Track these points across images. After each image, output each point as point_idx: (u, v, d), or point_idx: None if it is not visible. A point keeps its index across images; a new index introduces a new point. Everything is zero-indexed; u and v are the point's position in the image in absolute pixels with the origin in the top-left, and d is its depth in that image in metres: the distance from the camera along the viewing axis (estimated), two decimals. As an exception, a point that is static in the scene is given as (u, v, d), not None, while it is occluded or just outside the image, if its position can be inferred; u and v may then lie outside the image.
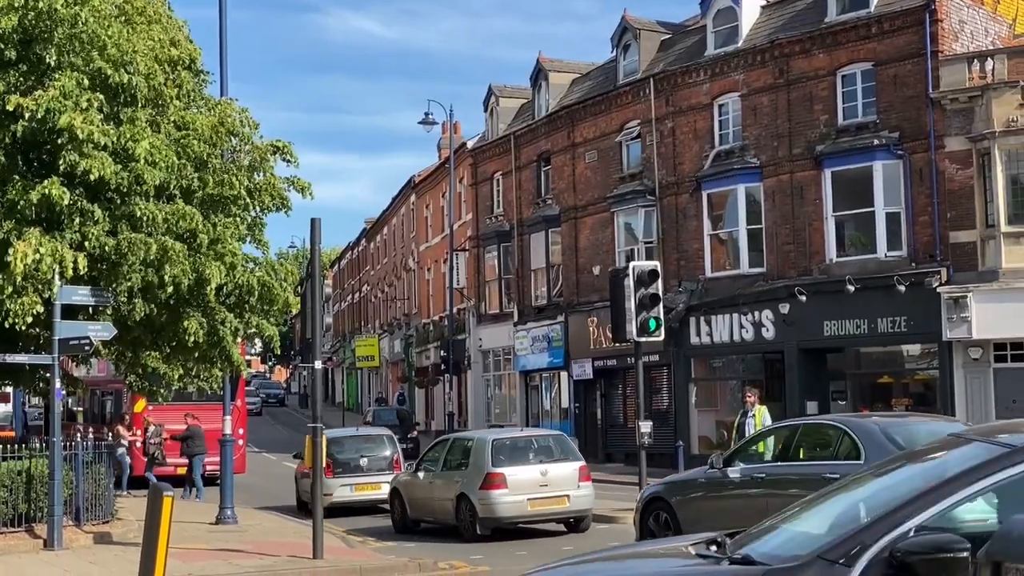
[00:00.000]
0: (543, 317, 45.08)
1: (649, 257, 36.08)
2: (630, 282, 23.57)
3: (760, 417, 21.01)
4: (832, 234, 32.55)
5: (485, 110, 52.63)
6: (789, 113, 33.83)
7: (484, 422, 49.72)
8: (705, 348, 36.63)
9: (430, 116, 51.39)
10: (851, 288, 30.92)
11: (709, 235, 36.43)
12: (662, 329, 24.08)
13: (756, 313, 34.30)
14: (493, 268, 49.68)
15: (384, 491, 25.09)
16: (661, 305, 24.09)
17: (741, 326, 34.92)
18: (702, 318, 36.19)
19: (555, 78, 46.58)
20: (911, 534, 5.16)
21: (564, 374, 44.03)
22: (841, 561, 5.21)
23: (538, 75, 47.30)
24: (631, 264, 25.13)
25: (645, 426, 24.19)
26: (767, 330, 34.03)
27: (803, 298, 32.39)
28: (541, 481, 20.94)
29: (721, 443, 35.53)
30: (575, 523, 21.59)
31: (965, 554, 4.99)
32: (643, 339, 23.81)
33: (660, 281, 24.16)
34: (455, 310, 52.05)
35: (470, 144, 53.40)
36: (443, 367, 51.64)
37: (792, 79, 33.81)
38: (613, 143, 41.01)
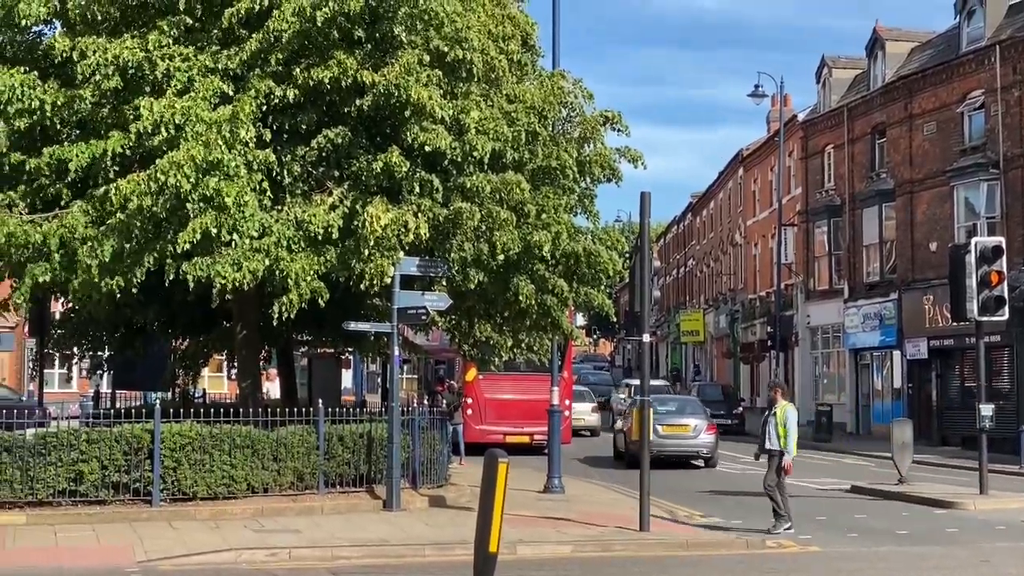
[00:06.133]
0: (875, 294, 43.78)
1: (991, 233, 34.35)
2: (971, 259, 22.73)
3: (781, 414, 19.19)
4: None
5: (817, 81, 51.33)
6: None
7: (812, 400, 48.80)
8: (1052, 329, 34.53)
9: (760, 88, 50.52)
10: None
11: (1059, 210, 34.34)
12: (1006, 308, 23.00)
13: (1111, 293, 32.06)
14: (823, 243, 48.60)
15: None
16: (1005, 283, 23.01)
17: (1094, 307, 32.71)
18: (1049, 298, 34.15)
19: (892, 47, 44.94)
20: None
21: (896, 353, 42.60)
22: None
23: (874, 44, 45.75)
24: (973, 240, 24.15)
25: (986, 409, 23.41)
26: (1123, 311, 31.74)
27: None
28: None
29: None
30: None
31: None
32: (985, 318, 22.84)
33: (1004, 258, 23.10)
34: (783, 286, 51.20)
35: (801, 117, 52.26)
36: (770, 343, 50.92)
37: None
38: (954, 114, 39.23)
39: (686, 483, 25.97)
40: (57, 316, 27.29)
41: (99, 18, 17.92)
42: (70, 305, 24.91)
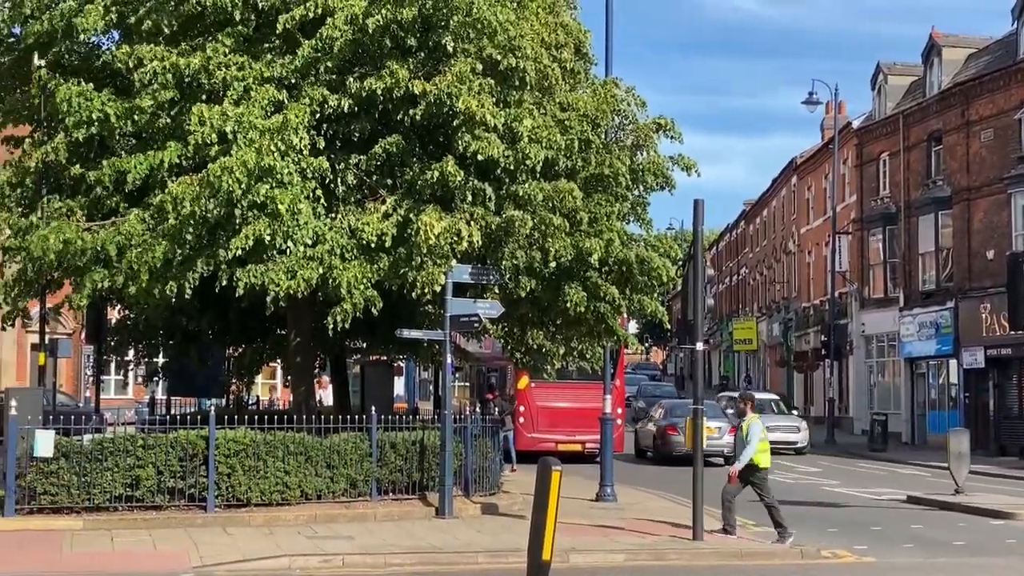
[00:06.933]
0: (931, 302, 43.33)
1: (1050, 241, 33.96)
2: (1030, 267, 22.48)
3: (746, 426, 18.74)
4: None
5: (872, 88, 50.97)
6: None
7: (866, 409, 48.40)
8: (1112, 339, 34.05)
9: (814, 96, 50.13)
10: None
11: (1119, 217, 33.88)
12: (1065, 317, 22.72)
13: None
14: (878, 251, 48.21)
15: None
16: (1064, 291, 22.74)
17: None
18: (1109, 306, 33.66)
19: (949, 53, 44.49)
20: None
21: (953, 362, 42.12)
22: None
23: (930, 51, 45.34)
24: (1031, 247, 23.87)
25: (1044, 419, 23.03)
26: None
27: None
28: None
29: None
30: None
31: None
32: (1044, 327, 22.59)
33: (1064, 266, 22.82)
34: (837, 294, 50.83)
35: (855, 124, 51.91)
36: (824, 352, 50.56)
37: None
38: (1011, 121, 38.80)
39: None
40: (113, 323, 27.58)
41: (158, 29, 18.10)
42: (126, 312, 25.19)
